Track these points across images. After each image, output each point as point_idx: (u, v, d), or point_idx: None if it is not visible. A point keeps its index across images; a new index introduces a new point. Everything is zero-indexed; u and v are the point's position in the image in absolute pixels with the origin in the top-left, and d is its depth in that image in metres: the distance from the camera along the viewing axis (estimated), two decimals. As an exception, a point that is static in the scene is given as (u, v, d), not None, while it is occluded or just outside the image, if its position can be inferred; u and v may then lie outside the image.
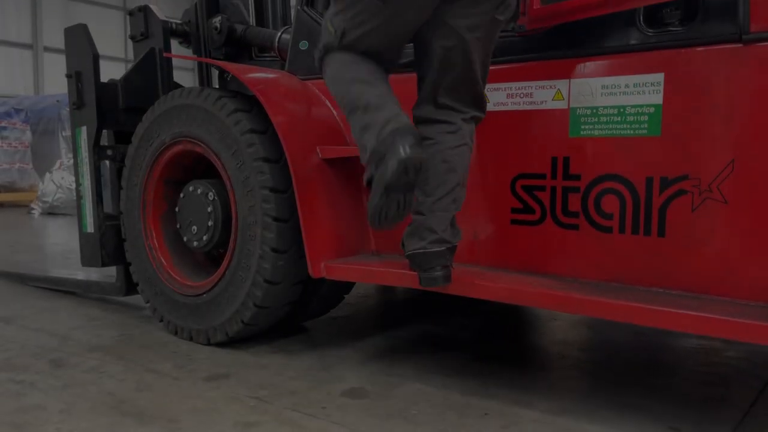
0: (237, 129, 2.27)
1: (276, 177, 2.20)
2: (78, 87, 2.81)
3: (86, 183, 2.84)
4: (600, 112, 1.80)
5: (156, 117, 2.55)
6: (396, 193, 1.65)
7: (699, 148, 1.66)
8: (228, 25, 3.02)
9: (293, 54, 2.53)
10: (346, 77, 1.82)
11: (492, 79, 2.01)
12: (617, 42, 1.77)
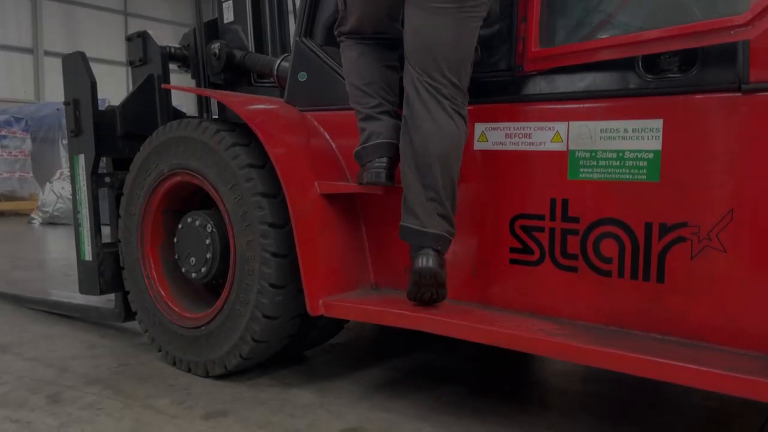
0: (235, 163, 2.26)
1: (274, 212, 2.20)
2: (76, 114, 2.80)
3: (84, 211, 2.84)
4: (599, 155, 1.80)
5: (154, 147, 2.55)
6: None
7: (698, 195, 1.65)
8: (227, 51, 3.01)
9: (292, 84, 2.52)
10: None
11: (490, 118, 2.01)
12: (616, 86, 1.76)
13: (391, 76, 2.21)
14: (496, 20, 2.05)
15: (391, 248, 2.27)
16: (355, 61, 2.20)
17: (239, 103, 2.37)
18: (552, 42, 1.82)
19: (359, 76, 2.20)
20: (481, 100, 2.04)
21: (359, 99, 2.20)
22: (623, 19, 1.74)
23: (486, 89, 2.03)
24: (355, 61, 2.20)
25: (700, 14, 1.55)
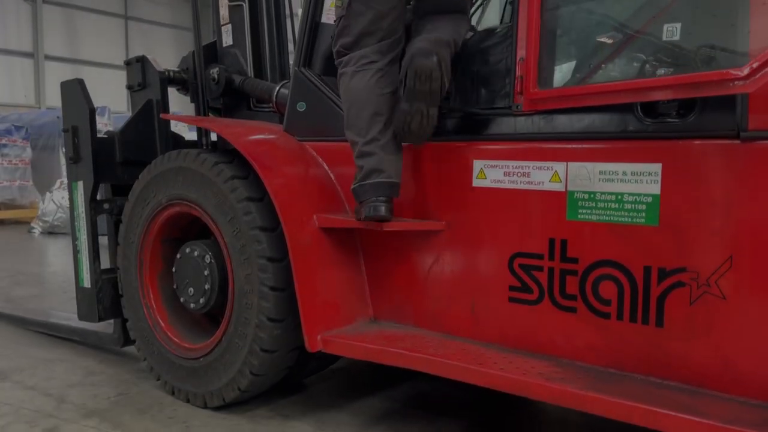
0: (234, 196, 2.26)
1: (273, 246, 2.19)
2: (74, 141, 2.80)
3: (83, 238, 2.83)
4: (597, 197, 1.79)
5: (152, 177, 2.55)
6: (419, 103, 1.92)
7: (697, 241, 1.64)
8: (226, 75, 3.01)
9: (291, 114, 2.52)
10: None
11: (489, 156, 2.01)
12: (615, 128, 1.76)
13: (395, 103, 2.09)
14: (495, 57, 2.05)
15: (391, 280, 2.27)
16: (360, 88, 2.09)
17: (237, 135, 2.36)
18: (551, 83, 1.81)
19: (363, 104, 2.08)
20: (480, 137, 2.04)
21: (359, 130, 2.11)
22: (623, 62, 1.73)
23: (485, 126, 2.03)
24: (361, 88, 2.09)
25: (700, 63, 1.54)
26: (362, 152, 2.11)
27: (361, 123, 2.11)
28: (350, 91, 2.13)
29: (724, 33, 1.54)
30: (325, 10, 2.47)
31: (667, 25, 1.63)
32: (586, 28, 1.83)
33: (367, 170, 2.08)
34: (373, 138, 2.09)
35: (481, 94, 2.07)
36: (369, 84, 2.09)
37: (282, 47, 3.11)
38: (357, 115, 2.11)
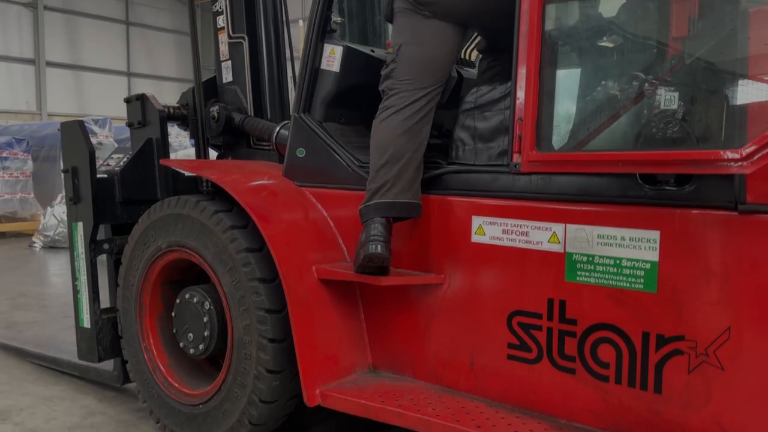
0: (233, 247, 2.26)
1: (272, 298, 2.19)
2: (74, 182, 2.80)
3: (82, 278, 2.84)
4: (596, 260, 1.79)
5: (152, 222, 2.55)
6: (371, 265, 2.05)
7: (695, 310, 1.64)
8: (225, 114, 3.01)
9: (290, 159, 2.52)
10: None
11: (488, 212, 2.01)
12: (614, 193, 1.76)
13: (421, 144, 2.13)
14: (495, 113, 2.05)
15: (390, 330, 2.27)
16: (388, 131, 2.11)
17: (235, 184, 2.36)
18: (549, 147, 1.81)
19: (386, 147, 2.10)
20: (479, 193, 2.04)
21: (376, 162, 2.11)
22: (622, 129, 1.73)
23: (484, 182, 2.03)
24: (389, 131, 2.11)
25: (698, 139, 1.54)
26: (374, 176, 2.11)
27: (380, 160, 2.11)
28: (378, 133, 2.15)
29: (723, 110, 1.53)
30: (324, 57, 2.47)
31: (666, 93, 1.63)
32: (585, 91, 1.83)
33: (373, 189, 2.09)
34: (386, 162, 2.09)
35: (481, 150, 2.07)
36: (399, 125, 2.10)
37: (282, 85, 3.11)
38: (379, 155, 2.12)
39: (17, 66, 18.63)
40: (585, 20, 1.82)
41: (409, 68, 2.11)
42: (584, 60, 1.83)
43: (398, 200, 2.07)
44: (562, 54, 1.85)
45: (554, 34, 1.82)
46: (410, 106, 2.11)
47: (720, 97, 1.53)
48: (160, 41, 22.07)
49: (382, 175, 2.09)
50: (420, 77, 2.11)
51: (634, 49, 1.74)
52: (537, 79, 1.81)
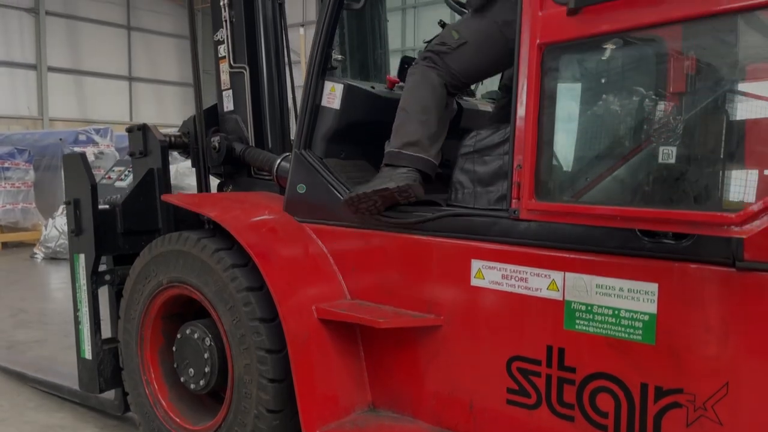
0: (233, 285, 2.27)
1: (272, 337, 2.20)
2: (76, 214, 2.81)
3: (84, 309, 2.85)
4: (595, 309, 1.80)
5: (153, 257, 2.56)
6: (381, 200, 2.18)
7: (693, 364, 1.65)
8: (226, 144, 3.02)
9: (290, 194, 2.53)
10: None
11: (488, 256, 2.01)
12: (612, 243, 1.76)
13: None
14: (494, 158, 2.06)
15: (390, 369, 2.28)
16: (440, 97, 2.27)
17: (236, 222, 2.38)
18: (548, 196, 1.81)
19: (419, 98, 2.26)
20: (479, 236, 2.04)
21: (421, 124, 2.24)
22: (621, 181, 1.74)
23: (484, 226, 2.03)
24: (440, 98, 2.27)
25: (696, 198, 1.55)
26: (414, 128, 2.23)
27: (422, 116, 2.25)
28: (419, 88, 2.28)
29: (721, 169, 1.54)
30: (325, 94, 2.48)
31: (664, 148, 1.64)
32: (584, 141, 1.84)
33: (411, 140, 2.22)
34: (426, 120, 2.24)
35: (480, 194, 2.08)
36: (436, 89, 2.26)
37: (283, 114, 3.12)
38: (421, 109, 2.26)
39: (19, 71, 18.67)
40: (584, 69, 1.83)
41: (460, 64, 2.25)
42: (583, 109, 1.84)
43: (432, 161, 2.23)
44: (562, 101, 1.85)
45: (553, 81, 1.83)
46: (445, 85, 2.27)
47: (717, 155, 1.54)
48: (162, 45, 22.11)
49: (420, 130, 2.23)
50: (464, 74, 2.29)
51: (633, 102, 1.75)
52: (536, 126, 1.81)
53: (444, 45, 2.26)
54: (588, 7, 1.64)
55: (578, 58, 1.82)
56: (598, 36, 1.69)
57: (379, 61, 3.08)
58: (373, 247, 2.30)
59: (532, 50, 1.79)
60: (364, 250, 2.33)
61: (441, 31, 2.42)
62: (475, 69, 2.31)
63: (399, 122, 2.29)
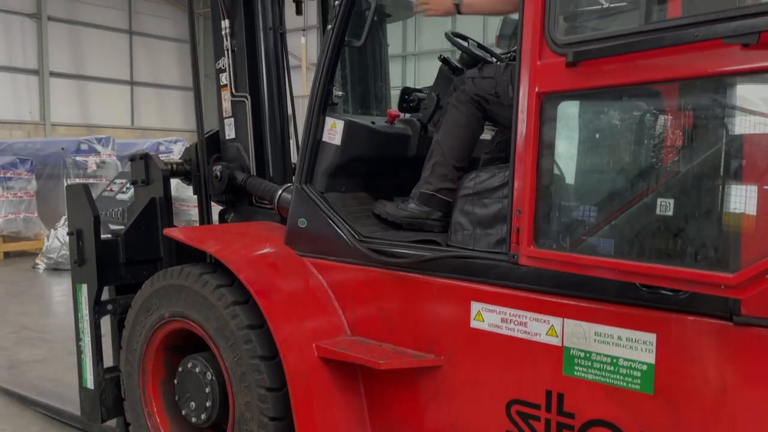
0: (234, 323, 2.29)
1: (273, 376, 2.22)
2: (79, 245, 2.83)
3: (86, 339, 2.86)
4: (593, 357, 1.81)
5: (155, 290, 2.58)
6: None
7: (692, 416, 1.66)
8: (228, 173, 3.04)
9: (291, 228, 2.54)
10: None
11: (487, 299, 2.03)
12: (611, 292, 1.78)
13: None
14: (494, 201, 2.08)
15: (390, 406, 2.29)
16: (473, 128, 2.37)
17: (236, 257, 2.39)
18: (547, 244, 1.83)
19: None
20: (479, 279, 2.06)
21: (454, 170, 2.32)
22: (620, 232, 1.75)
23: (484, 268, 2.05)
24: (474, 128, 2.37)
25: (692, 256, 1.56)
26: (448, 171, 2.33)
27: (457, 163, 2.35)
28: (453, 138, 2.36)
29: (718, 227, 1.55)
30: (326, 130, 2.49)
31: (661, 200, 1.65)
32: (583, 189, 1.85)
33: (441, 186, 2.33)
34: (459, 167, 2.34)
35: (479, 236, 2.09)
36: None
37: (284, 143, 3.13)
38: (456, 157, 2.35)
39: (21, 76, 18.71)
40: (583, 119, 1.84)
41: (503, 120, 2.32)
42: (582, 158, 1.85)
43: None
44: (560, 149, 1.86)
45: (552, 130, 1.84)
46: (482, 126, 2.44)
47: (715, 211, 1.55)
48: (163, 50, 22.16)
49: (455, 174, 2.31)
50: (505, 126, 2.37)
51: (631, 154, 1.76)
52: (535, 172, 1.83)
53: (497, 96, 2.28)
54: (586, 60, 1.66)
55: (577, 108, 1.83)
56: (596, 89, 1.70)
57: (379, 93, 3.10)
58: (374, 283, 2.32)
59: (531, 98, 1.81)
60: (365, 286, 2.35)
61: (477, 67, 2.44)
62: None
63: (436, 160, 2.35)
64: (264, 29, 3.04)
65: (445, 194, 2.33)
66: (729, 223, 1.48)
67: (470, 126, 2.34)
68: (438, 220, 2.36)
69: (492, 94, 2.30)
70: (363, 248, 2.30)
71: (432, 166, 2.36)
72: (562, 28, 1.78)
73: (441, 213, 2.35)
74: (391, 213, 2.46)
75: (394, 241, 2.30)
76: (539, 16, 1.79)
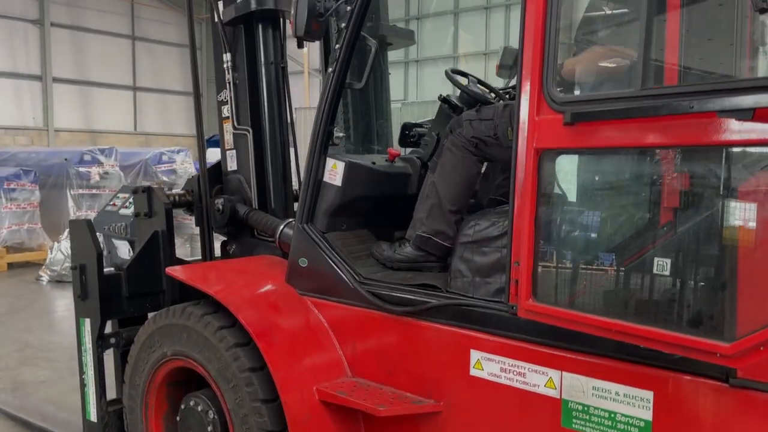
0: (236, 365, 2.31)
1: (274, 419, 2.24)
2: (82, 279, 2.85)
3: (89, 373, 2.89)
4: (591, 411, 1.83)
5: (158, 328, 2.60)
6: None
7: (688, 474, 1.67)
8: (230, 206, 3.06)
9: (292, 267, 2.56)
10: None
11: (486, 348, 2.05)
12: (609, 347, 1.79)
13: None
14: (493, 250, 2.09)
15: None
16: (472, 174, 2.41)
17: (237, 298, 2.41)
18: (546, 297, 1.85)
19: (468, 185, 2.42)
20: (478, 327, 2.07)
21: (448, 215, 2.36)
22: (617, 291, 1.77)
23: (483, 317, 2.06)
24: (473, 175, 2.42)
25: (690, 321, 1.57)
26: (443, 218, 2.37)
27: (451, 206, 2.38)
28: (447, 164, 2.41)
29: (715, 294, 1.57)
30: (327, 170, 2.51)
31: (658, 261, 1.66)
32: (581, 245, 1.87)
33: (437, 228, 2.36)
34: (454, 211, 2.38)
35: (479, 284, 2.11)
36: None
37: (286, 177, 3.15)
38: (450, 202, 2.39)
39: (24, 82, 18.77)
40: (581, 175, 1.86)
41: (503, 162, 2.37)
42: (579, 213, 1.87)
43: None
44: (558, 204, 1.88)
45: (550, 184, 1.86)
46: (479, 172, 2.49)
47: (712, 279, 1.57)
48: (166, 55, 22.21)
49: (452, 218, 2.36)
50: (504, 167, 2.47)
51: (628, 213, 1.78)
52: (532, 226, 1.85)
53: (496, 139, 2.30)
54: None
55: (575, 164, 1.85)
56: (592, 149, 1.72)
57: (381, 130, 3.12)
58: (374, 326, 2.34)
59: (529, 153, 1.83)
60: (365, 328, 2.37)
61: (473, 109, 2.45)
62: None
63: (433, 203, 2.38)
64: (266, 63, 3.07)
65: (442, 238, 2.36)
66: (726, 291, 1.50)
67: (466, 170, 2.36)
68: (434, 263, 2.39)
69: (491, 136, 2.32)
70: (363, 291, 2.32)
71: (428, 208, 2.39)
72: (559, 85, 1.80)
73: (437, 256, 2.39)
74: (388, 257, 2.48)
75: (394, 284, 2.31)
76: (537, 72, 1.81)
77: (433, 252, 2.40)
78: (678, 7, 1.70)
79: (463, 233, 2.20)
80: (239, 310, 2.35)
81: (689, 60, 1.66)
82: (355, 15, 2.30)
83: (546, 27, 1.79)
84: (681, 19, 1.66)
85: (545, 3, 1.80)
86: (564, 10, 1.80)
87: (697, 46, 1.67)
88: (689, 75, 1.63)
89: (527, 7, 1.84)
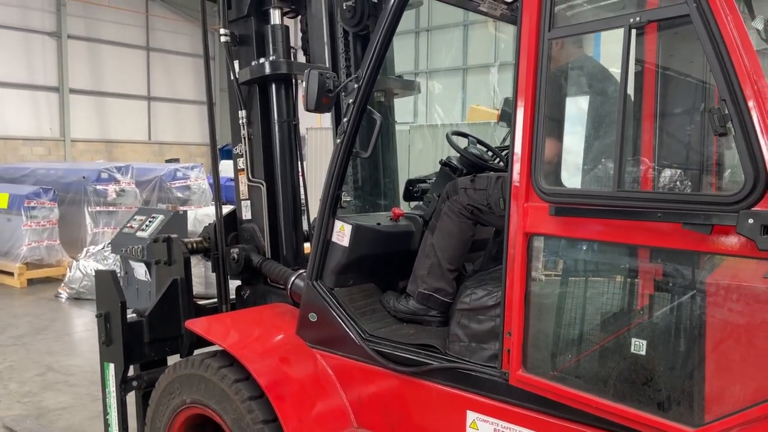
0: (250, 417, 2.49)
1: (287, 469, 2.42)
2: (106, 327, 3.05)
3: (113, 414, 3.08)
4: (582, 475, 1.98)
5: (178, 376, 2.78)
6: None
7: None
8: (245, 255, 3.24)
9: (303, 320, 2.74)
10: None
11: (482, 410, 2.20)
12: (594, 417, 1.94)
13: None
14: (487, 317, 2.26)
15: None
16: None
17: (249, 350, 2.60)
18: (536, 368, 2.00)
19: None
20: (474, 389, 2.23)
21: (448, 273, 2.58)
22: (601, 366, 1.92)
23: (479, 379, 2.22)
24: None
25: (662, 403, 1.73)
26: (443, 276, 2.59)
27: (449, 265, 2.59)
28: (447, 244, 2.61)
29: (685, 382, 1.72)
30: (335, 231, 2.69)
31: (635, 339, 1.82)
32: (568, 321, 2.03)
33: (437, 286, 2.58)
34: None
35: (474, 349, 2.27)
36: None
37: (297, 229, 3.33)
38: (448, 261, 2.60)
39: (41, 94, 19.16)
40: (568, 258, 2.02)
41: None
42: (566, 292, 2.03)
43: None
44: (548, 283, 2.04)
45: (539, 264, 2.02)
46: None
47: (682, 365, 1.72)
48: (179, 65, 22.55)
49: (450, 277, 2.58)
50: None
51: (611, 294, 1.93)
52: (522, 300, 2.01)
53: (490, 208, 2.50)
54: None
55: (563, 248, 2.01)
56: (576, 239, 1.88)
57: (387, 190, 3.29)
58: (378, 381, 2.50)
59: (519, 235, 1.99)
60: (370, 382, 2.53)
61: (475, 177, 2.65)
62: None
63: (432, 262, 2.59)
64: (279, 121, 3.25)
65: (442, 294, 2.59)
66: (695, 377, 1.65)
67: (462, 233, 2.58)
68: (435, 316, 2.61)
69: (484, 205, 2.51)
70: (368, 348, 2.49)
71: (428, 267, 2.61)
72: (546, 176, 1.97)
73: (438, 311, 2.60)
74: (394, 308, 2.69)
75: (397, 342, 2.48)
76: (526, 162, 1.98)
77: (434, 307, 2.62)
78: (652, 117, 1.86)
79: (461, 300, 2.37)
80: (251, 363, 2.53)
81: (662, 165, 1.81)
82: (361, 93, 2.48)
83: (535, 120, 1.95)
84: (654, 128, 1.81)
85: (533, 97, 1.96)
86: (551, 105, 1.97)
87: (672, 154, 1.83)
88: (661, 180, 1.78)
89: (517, 100, 2.01)
